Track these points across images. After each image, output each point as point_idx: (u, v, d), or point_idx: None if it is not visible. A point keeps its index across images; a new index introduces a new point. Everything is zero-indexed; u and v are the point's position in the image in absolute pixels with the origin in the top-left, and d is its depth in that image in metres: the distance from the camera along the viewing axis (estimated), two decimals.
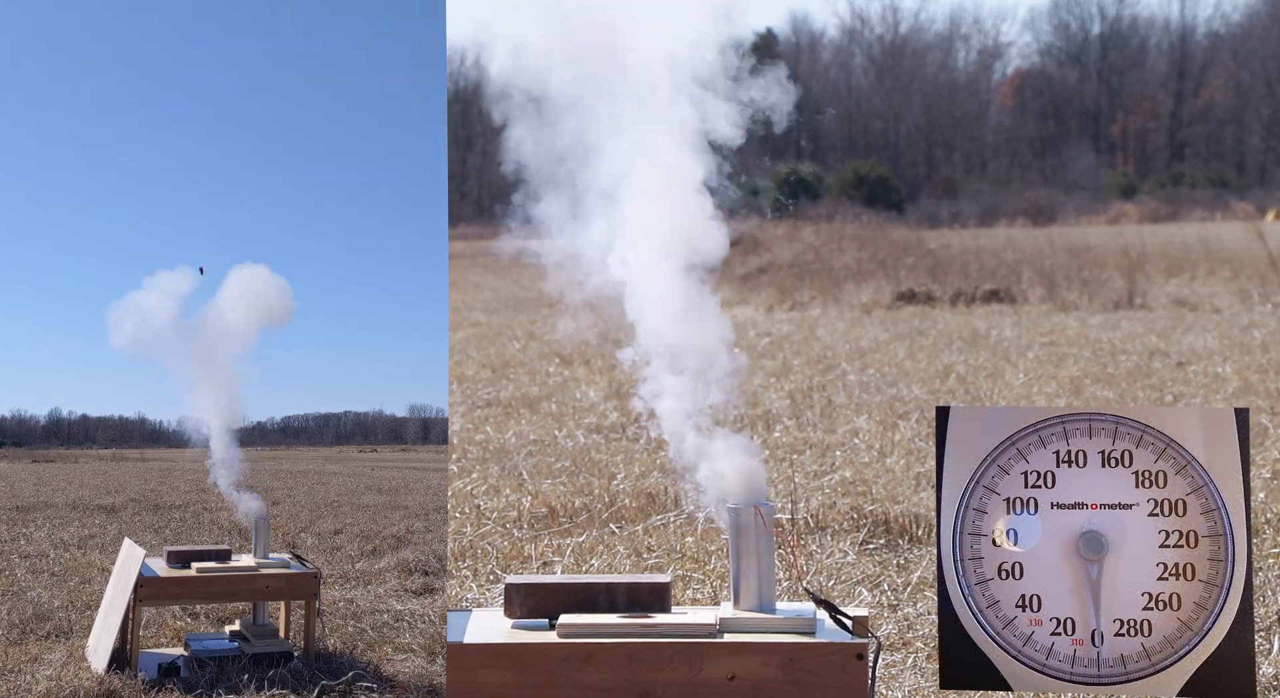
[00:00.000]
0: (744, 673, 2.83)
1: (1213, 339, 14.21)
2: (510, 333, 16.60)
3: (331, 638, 5.58)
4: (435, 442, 8.90)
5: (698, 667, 2.83)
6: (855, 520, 6.26)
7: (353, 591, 7.13)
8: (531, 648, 2.87)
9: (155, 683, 4.68)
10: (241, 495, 5.52)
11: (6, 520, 11.79)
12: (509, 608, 3.04)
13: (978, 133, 72.67)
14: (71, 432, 14.05)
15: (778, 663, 2.82)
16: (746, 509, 3.00)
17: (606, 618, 2.95)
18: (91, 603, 6.45)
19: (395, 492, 15.71)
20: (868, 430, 8.90)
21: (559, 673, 2.85)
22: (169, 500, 14.11)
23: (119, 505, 13.49)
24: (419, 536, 10.10)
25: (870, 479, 7.28)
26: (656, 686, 2.84)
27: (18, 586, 7.43)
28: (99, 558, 8.58)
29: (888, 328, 16.41)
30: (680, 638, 2.87)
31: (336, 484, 17.45)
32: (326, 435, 11.52)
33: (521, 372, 12.72)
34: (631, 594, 3.03)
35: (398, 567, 7.97)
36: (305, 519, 11.71)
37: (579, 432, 9.17)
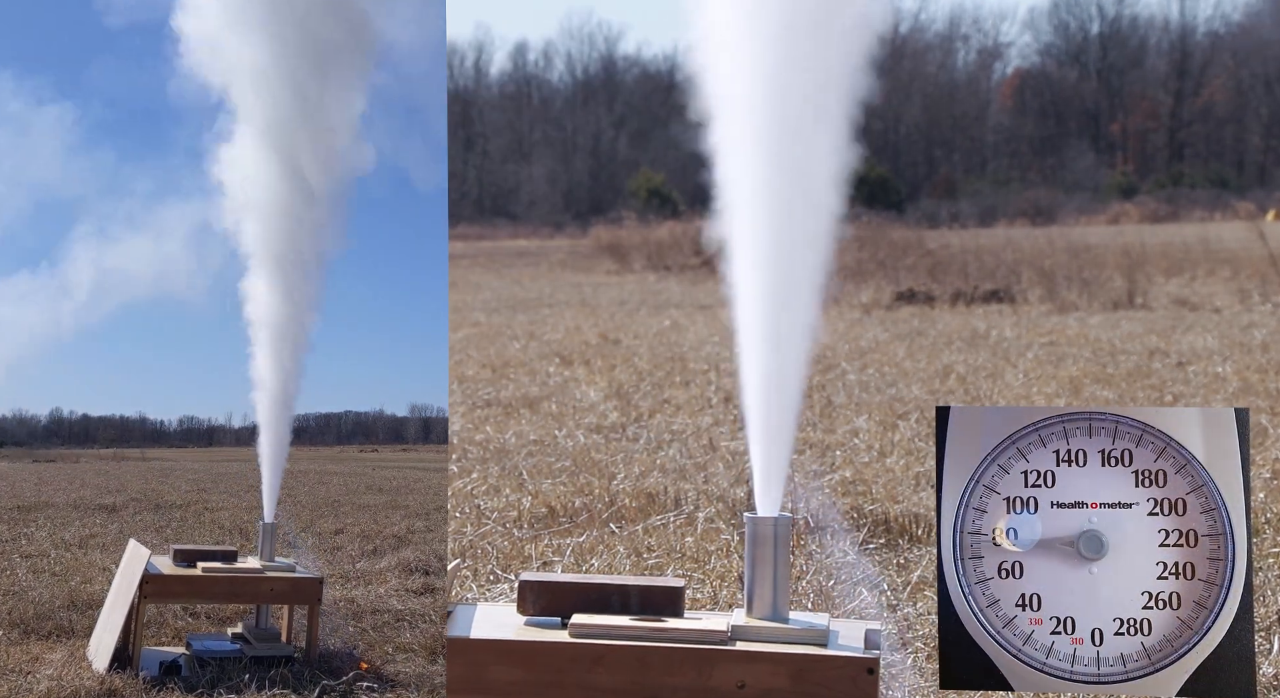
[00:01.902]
0: (753, 682, 2.83)
1: (1213, 339, 14.21)
2: (510, 333, 16.61)
3: (332, 638, 5.59)
4: (436, 441, 8.92)
5: (707, 673, 2.84)
6: (855, 521, 6.27)
7: (353, 590, 7.14)
8: (543, 646, 2.88)
9: (157, 682, 4.69)
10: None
11: (8, 520, 11.79)
12: (522, 605, 3.05)
13: (978, 133, 72.64)
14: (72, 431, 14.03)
15: (788, 673, 2.83)
16: (765, 519, 3.01)
17: (619, 620, 2.95)
18: (93, 602, 6.46)
19: (396, 491, 15.71)
20: (867, 430, 8.91)
21: (568, 673, 2.85)
22: (170, 500, 14.12)
23: (120, 505, 13.50)
24: (420, 535, 10.11)
25: (870, 479, 7.29)
26: (665, 690, 2.84)
27: (19, 585, 7.43)
28: (100, 558, 8.59)
29: (887, 328, 16.41)
30: (691, 644, 2.87)
31: (337, 484, 17.45)
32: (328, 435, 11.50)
33: (521, 372, 12.73)
34: (645, 597, 3.03)
35: (399, 566, 7.98)
36: (306, 519, 11.72)
37: (579, 432, 9.18)
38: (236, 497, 13.00)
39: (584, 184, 74.42)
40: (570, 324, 17.79)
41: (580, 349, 14.45)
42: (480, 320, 18.73)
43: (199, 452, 9.60)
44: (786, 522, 3.02)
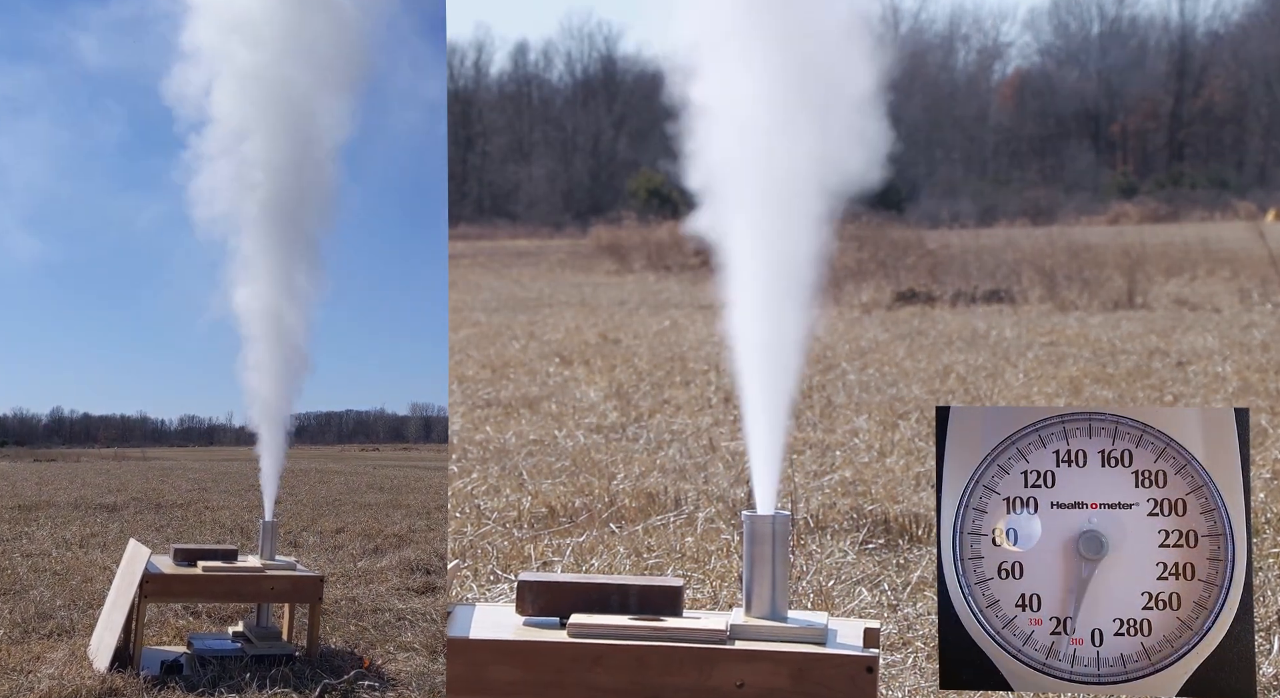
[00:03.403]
0: (753, 681, 2.83)
1: (1213, 339, 14.22)
2: (510, 333, 16.62)
3: (333, 636, 5.60)
4: (436, 441, 8.94)
5: (707, 673, 2.84)
6: (855, 521, 6.27)
7: (355, 589, 7.14)
8: (542, 647, 2.89)
9: (158, 681, 4.69)
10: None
11: (9, 519, 11.79)
12: (521, 605, 3.05)
13: (978, 133, 72.65)
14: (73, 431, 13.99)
15: (787, 672, 2.83)
16: (763, 517, 3.01)
17: (618, 619, 2.96)
18: (94, 602, 6.46)
19: (397, 490, 15.70)
20: (867, 430, 8.92)
21: (568, 673, 2.86)
22: (171, 499, 14.11)
23: (121, 504, 13.49)
24: (421, 534, 10.11)
25: (870, 479, 7.30)
26: (665, 690, 2.85)
27: (20, 584, 7.44)
28: (101, 557, 8.59)
29: (888, 328, 16.42)
30: (690, 643, 2.88)
31: (338, 483, 17.43)
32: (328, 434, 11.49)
33: (521, 372, 12.73)
34: (644, 597, 3.04)
35: (399, 565, 7.99)
36: (307, 518, 11.72)
37: (579, 432, 9.19)
38: (237, 496, 13.00)
39: (584, 184, 74.43)
40: (570, 324, 17.79)
41: (580, 349, 14.45)
42: (480, 320, 18.74)
43: (199, 451, 9.60)
44: (785, 519, 3.02)
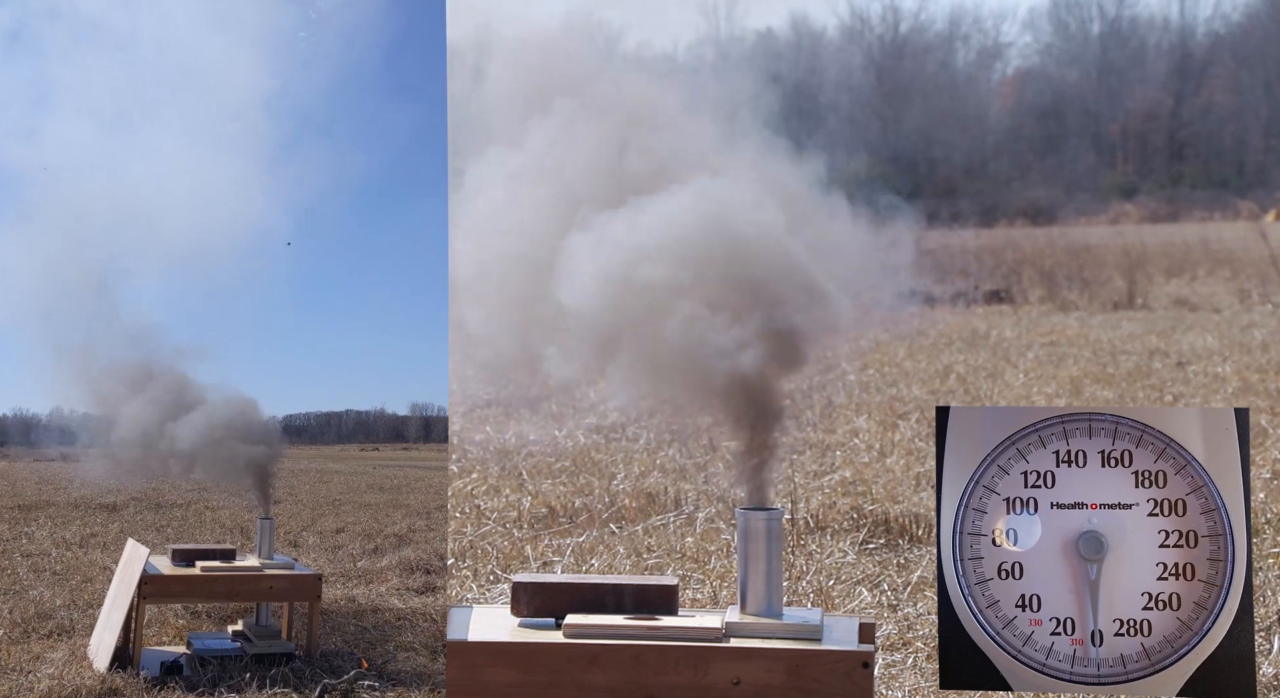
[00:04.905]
0: (749, 678, 2.83)
1: (1213, 339, 14.22)
2: None
3: (333, 636, 5.60)
4: (437, 441, 8.97)
5: (703, 671, 2.84)
6: (855, 521, 6.27)
7: (354, 589, 7.14)
8: (537, 648, 2.88)
9: (158, 681, 4.69)
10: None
11: (8, 519, 11.78)
12: (516, 606, 3.05)
13: (978, 133, 72.67)
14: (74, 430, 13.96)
15: (783, 669, 2.83)
16: (756, 514, 3.01)
17: (613, 619, 2.96)
18: (94, 602, 6.46)
19: (397, 490, 15.69)
20: (868, 430, 8.91)
21: (564, 673, 2.86)
22: (170, 499, 14.11)
23: (121, 504, 13.49)
24: (421, 534, 10.10)
25: (870, 479, 7.29)
26: (661, 688, 2.84)
27: (20, 584, 7.43)
28: (101, 557, 8.58)
29: (887, 328, 16.41)
30: (686, 641, 2.88)
31: (338, 483, 17.42)
32: (329, 434, 11.52)
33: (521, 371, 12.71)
34: (639, 596, 3.04)
35: (400, 565, 7.98)
36: (307, 518, 11.71)
37: (579, 432, 9.18)
38: (237, 496, 12.99)
39: None
40: None
41: None
42: None
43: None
44: (779, 516, 3.02)
